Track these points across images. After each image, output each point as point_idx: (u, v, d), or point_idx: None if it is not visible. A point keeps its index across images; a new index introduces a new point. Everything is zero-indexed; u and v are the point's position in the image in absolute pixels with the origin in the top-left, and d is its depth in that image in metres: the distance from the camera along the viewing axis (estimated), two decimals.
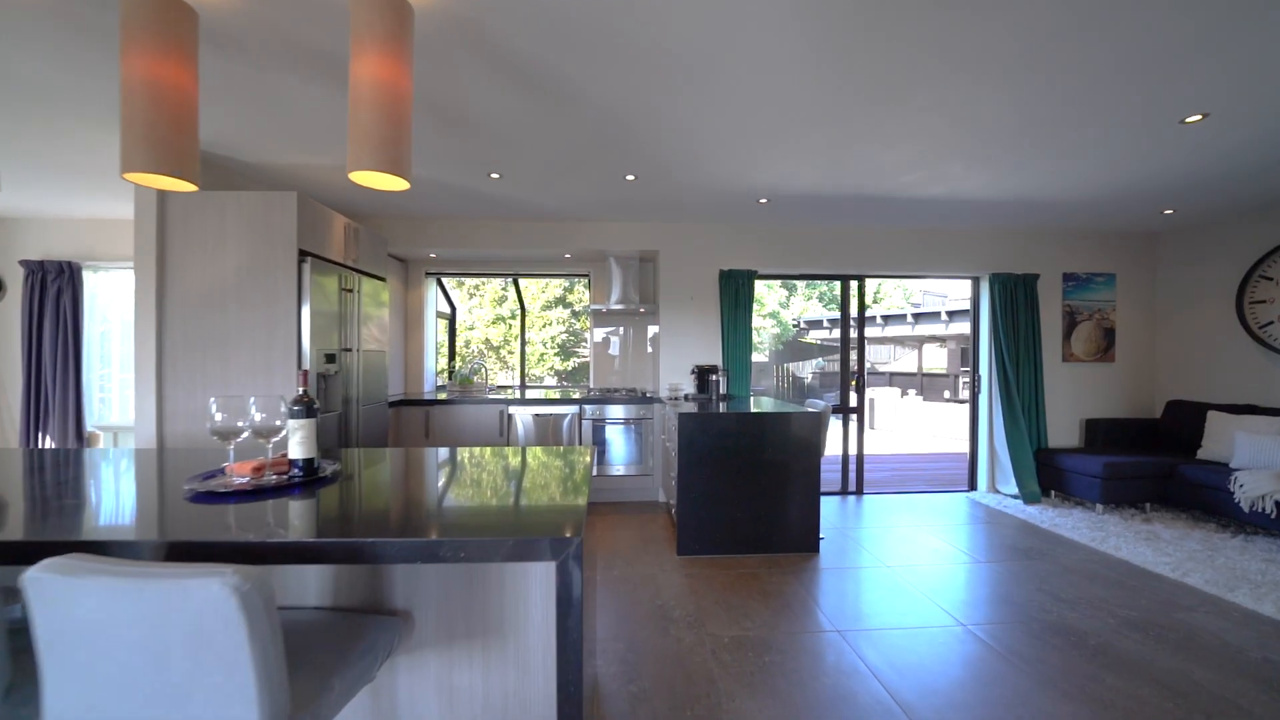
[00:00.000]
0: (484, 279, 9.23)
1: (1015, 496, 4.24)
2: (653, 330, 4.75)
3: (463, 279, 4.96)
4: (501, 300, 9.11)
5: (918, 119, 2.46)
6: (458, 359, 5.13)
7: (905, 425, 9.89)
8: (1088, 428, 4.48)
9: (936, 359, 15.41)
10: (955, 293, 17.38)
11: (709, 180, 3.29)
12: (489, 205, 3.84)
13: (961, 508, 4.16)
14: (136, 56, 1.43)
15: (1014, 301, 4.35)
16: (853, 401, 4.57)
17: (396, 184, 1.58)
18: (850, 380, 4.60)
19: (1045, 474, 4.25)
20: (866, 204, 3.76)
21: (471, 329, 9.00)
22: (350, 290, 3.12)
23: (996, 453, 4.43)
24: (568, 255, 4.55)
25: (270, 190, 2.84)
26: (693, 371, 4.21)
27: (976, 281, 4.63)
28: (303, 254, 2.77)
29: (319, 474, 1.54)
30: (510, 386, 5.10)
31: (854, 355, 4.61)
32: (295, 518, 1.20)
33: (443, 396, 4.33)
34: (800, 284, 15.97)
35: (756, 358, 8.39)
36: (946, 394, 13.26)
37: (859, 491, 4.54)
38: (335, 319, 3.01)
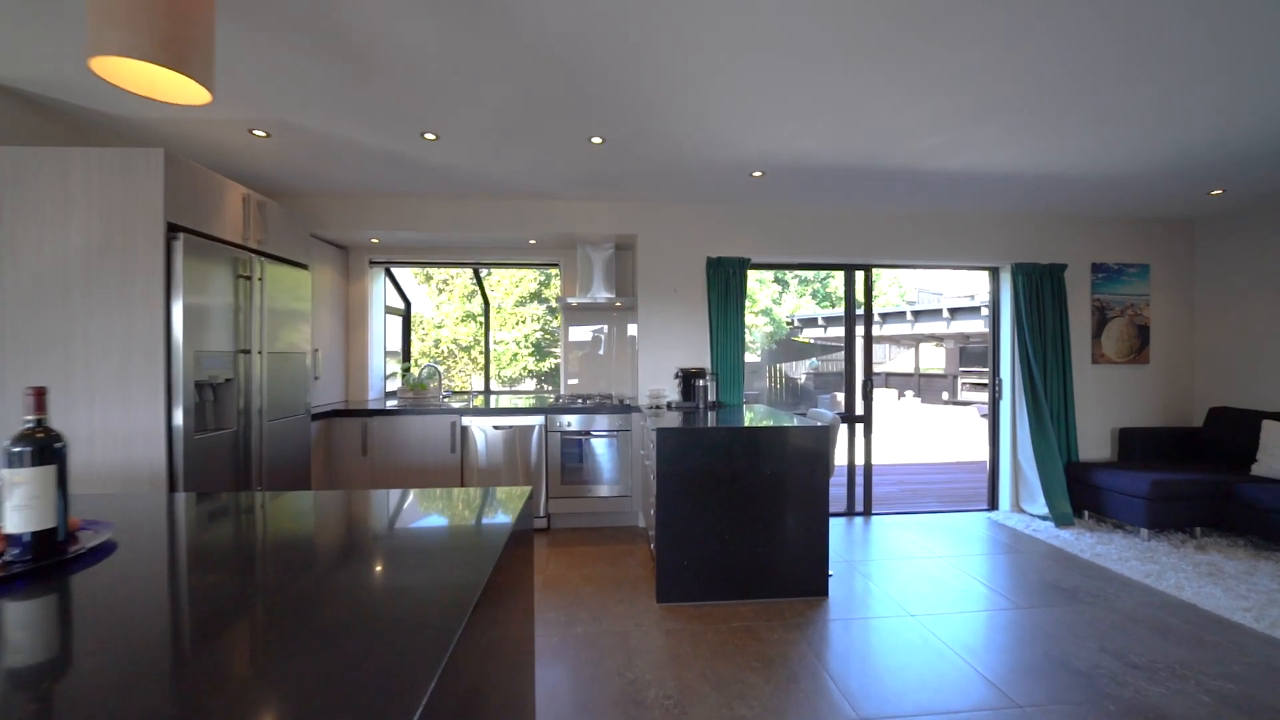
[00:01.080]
0: (446, 271, 8.59)
1: (1044, 518, 3.74)
2: (634, 328, 4.18)
3: (424, 269, 4.37)
4: (472, 295, 8.46)
5: (955, 58, 1.91)
6: (414, 361, 4.53)
7: (904, 429, 9.42)
8: (1121, 438, 3.99)
9: (934, 359, 15.04)
10: (954, 289, 17.06)
11: (694, 146, 2.73)
12: (433, 179, 3.25)
13: (984, 531, 3.64)
14: None
15: (1039, 295, 3.84)
16: (859, 408, 4.04)
17: (187, 91, 1.00)
18: (855, 383, 4.07)
19: (1077, 491, 3.74)
20: (876, 179, 3.23)
21: (440, 327, 8.35)
22: (248, 277, 2.51)
23: (1021, 467, 3.92)
24: (533, 241, 3.96)
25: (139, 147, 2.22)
26: (676, 376, 3.65)
27: (995, 273, 4.12)
28: (174, 229, 2.16)
29: (69, 553, 0.96)
30: (471, 392, 4.50)
31: (860, 355, 4.08)
32: None
33: (391, 405, 3.73)
34: (793, 280, 15.52)
35: (749, 358, 7.90)
36: (945, 395, 12.87)
37: (867, 512, 4.01)
38: (227, 313, 2.41)
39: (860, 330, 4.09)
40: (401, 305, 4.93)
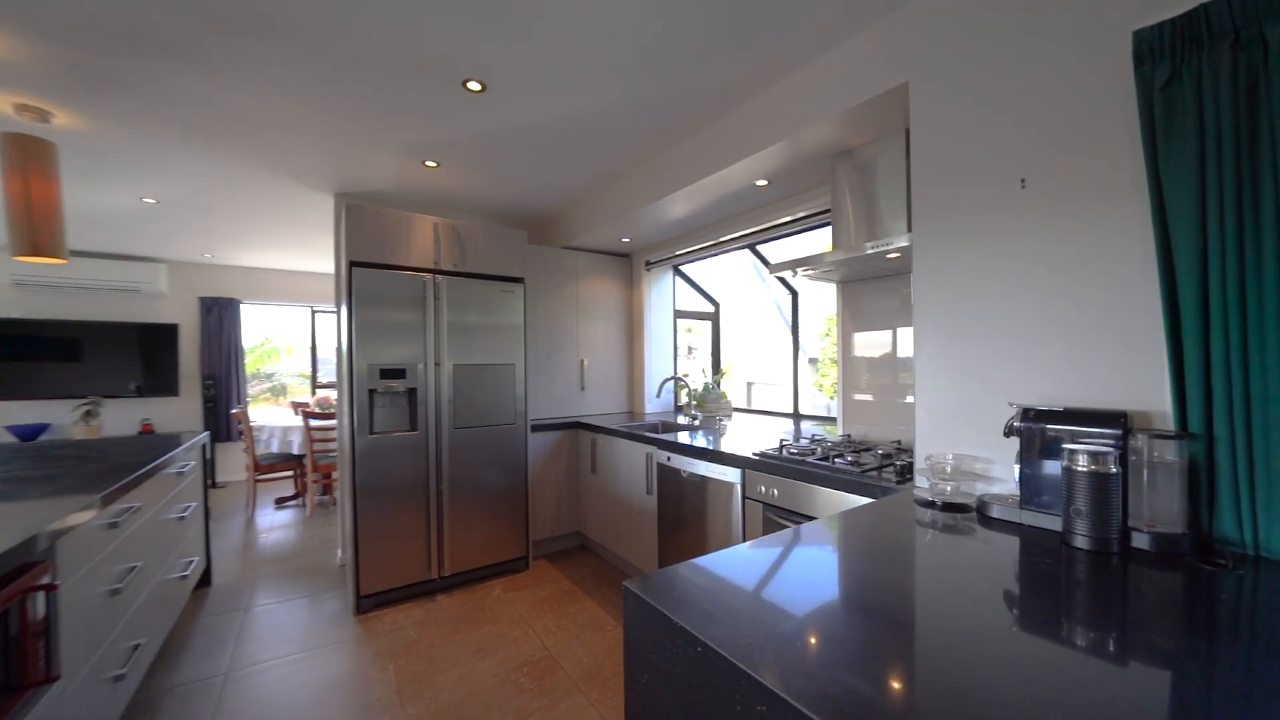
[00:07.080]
0: (716, 253, 6.72)
1: None
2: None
3: (691, 259, 3.68)
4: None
5: None
6: (716, 372, 3.81)
7: None
8: None
9: None
10: None
11: None
12: (579, 141, 2.43)
13: None
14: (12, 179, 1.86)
15: None
16: None
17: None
18: None
19: None
20: None
21: (827, 334, 6.69)
22: (418, 295, 2.69)
23: None
24: (761, 183, 2.42)
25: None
26: (1012, 429, 1.23)
27: None
28: (356, 265, 2.55)
29: None
30: (715, 414, 3.32)
31: None
32: None
33: (679, 422, 3.24)
34: None
35: None
36: None
37: None
38: (409, 330, 2.65)
39: None
40: (710, 308, 4.28)
